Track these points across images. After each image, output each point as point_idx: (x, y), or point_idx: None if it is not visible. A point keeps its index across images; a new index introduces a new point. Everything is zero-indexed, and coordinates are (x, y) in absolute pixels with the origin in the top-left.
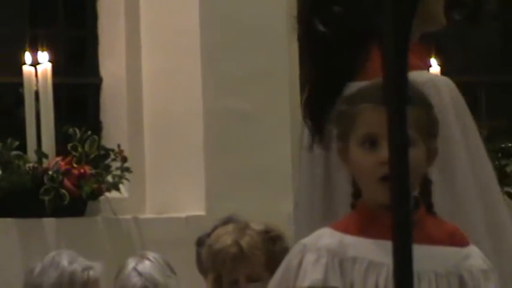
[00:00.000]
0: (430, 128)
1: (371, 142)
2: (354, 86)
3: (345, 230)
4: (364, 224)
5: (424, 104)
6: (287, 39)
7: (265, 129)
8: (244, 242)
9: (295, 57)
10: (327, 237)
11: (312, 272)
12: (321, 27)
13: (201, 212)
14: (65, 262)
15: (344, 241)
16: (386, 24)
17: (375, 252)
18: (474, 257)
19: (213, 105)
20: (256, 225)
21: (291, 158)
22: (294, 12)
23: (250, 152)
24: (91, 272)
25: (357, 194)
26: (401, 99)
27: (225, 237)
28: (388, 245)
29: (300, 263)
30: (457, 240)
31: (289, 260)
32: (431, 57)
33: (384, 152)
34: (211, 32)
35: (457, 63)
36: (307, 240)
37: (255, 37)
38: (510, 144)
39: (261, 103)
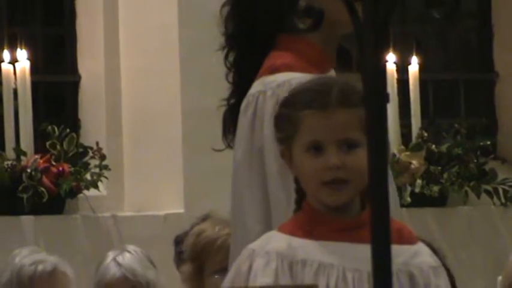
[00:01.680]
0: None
1: (316, 148)
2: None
3: (293, 233)
4: (311, 226)
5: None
6: None
7: None
8: None
9: None
10: (275, 240)
11: (262, 276)
12: (301, 26)
13: (180, 210)
14: (17, 259)
15: (292, 244)
16: (365, 24)
17: (323, 253)
18: (423, 254)
19: (192, 103)
20: None
21: None
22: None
23: (228, 150)
24: (40, 267)
25: (299, 192)
26: (379, 100)
27: (222, 228)
28: (337, 246)
29: (250, 268)
30: (405, 237)
31: (239, 265)
32: (332, 65)
33: (332, 157)
34: (190, 30)
35: (437, 62)
36: (255, 244)
37: None
38: (489, 142)
39: None
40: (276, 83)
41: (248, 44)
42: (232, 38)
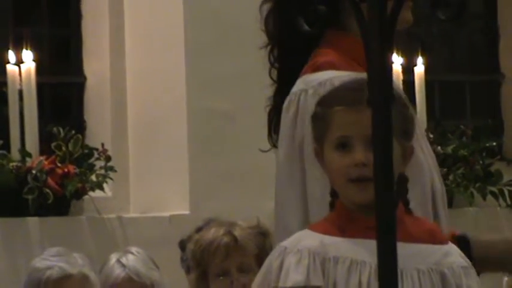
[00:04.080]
0: (405, 127)
1: (344, 145)
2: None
3: (325, 231)
4: (343, 224)
5: (398, 102)
6: None
7: (249, 128)
8: (237, 232)
9: None
10: (307, 238)
11: (294, 273)
12: (306, 27)
13: (185, 211)
14: (36, 260)
15: (324, 241)
16: (371, 24)
17: (356, 251)
18: (454, 254)
19: (197, 104)
20: (244, 223)
21: (274, 158)
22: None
23: (234, 151)
24: (48, 272)
25: (334, 193)
26: (385, 99)
27: (216, 230)
28: (368, 243)
29: (281, 265)
30: (436, 238)
31: (270, 263)
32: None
33: (358, 154)
34: (195, 32)
35: (442, 63)
36: (287, 242)
37: (239, 37)
38: (495, 144)
39: (245, 103)
40: (318, 81)
41: (293, 40)
42: (276, 36)
